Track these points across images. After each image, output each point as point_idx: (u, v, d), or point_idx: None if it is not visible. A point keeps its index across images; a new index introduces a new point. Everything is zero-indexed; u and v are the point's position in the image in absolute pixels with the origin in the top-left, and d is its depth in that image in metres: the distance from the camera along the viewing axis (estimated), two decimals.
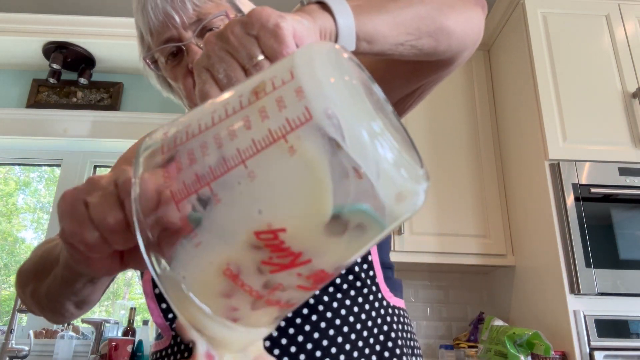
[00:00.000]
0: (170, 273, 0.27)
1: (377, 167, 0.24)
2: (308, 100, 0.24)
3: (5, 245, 2.57)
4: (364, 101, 0.25)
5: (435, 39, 0.51)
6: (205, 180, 0.25)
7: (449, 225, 2.07)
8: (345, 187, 0.24)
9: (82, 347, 2.03)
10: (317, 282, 0.28)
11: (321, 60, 0.25)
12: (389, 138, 0.24)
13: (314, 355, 0.55)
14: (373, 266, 0.63)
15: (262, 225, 0.25)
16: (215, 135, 0.26)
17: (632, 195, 1.75)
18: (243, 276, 0.26)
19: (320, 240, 0.25)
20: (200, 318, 0.27)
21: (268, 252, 0.25)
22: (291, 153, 0.24)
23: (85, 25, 2.22)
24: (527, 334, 1.65)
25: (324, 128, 0.23)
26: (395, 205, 0.25)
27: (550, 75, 1.96)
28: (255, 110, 0.25)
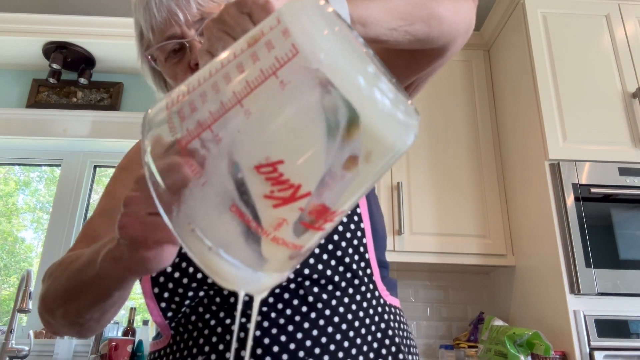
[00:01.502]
0: (181, 215, 0.28)
1: (376, 107, 0.25)
2: (293, 38, 0.25)
3: (5, 245, 2.57)
4: (354, 46, 0.26)
5: (427, 24, 0.53)
6: (206, 123, 0.27)
7: (449, 225, 2.07)
8: (338, 118, 0.25)
9: (82, 347, 2.03)
10: (320, 219, 0.28)
11: (304, 8, 0.27)
12: (384, 79, 0.26)
13: (313, 352, 0.55)
14: (370, 264, 0.63)
15: (261, 159, 0.26)
16: (213, 84, 0.28)
17: (632, 195, 1.75)
18: (248, 212, 0.27)
19: (317, 171, 0.26)
20: (211, 257, 0.28)
21: (269, 186, 0.26)
22: (282, 87, 0.25)
23: (85, 25, 2.22)
24: (527, 334, 1.65)
25: (311, 59, 0.25)
26: (391, 140, 0.26)
27: (550, 75, 1.96)
28: (247, 55, 0.27)
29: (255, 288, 0.30)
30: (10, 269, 2.55)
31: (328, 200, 0.28)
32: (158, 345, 0.65)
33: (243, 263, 0.28)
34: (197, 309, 0.61)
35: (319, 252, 0.60)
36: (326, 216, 0.28)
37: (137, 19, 0.69)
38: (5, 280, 2.53)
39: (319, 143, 0.26)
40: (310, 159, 0.26)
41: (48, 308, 0.58)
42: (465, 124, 2.26)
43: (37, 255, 2.43)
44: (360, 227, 0.64)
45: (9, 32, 2.20)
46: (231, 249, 0.28)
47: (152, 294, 0.60)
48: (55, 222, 2.29)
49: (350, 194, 0.29)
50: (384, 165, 0.28)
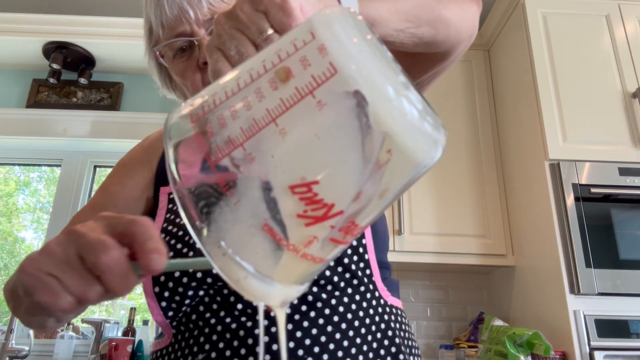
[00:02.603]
0: (211, 235, 0.28)
1: (405, 119, 0.25)
2: (331, 56, 0.24)
3: (5, 245, 2.57)
4: (386, 57, 0.26)
5: (434, 27, 0.53)
6: (238, 141, 0.26)
7: (449, 225, 2.07)
8: (373, 139, 0.25)
9: (82, 347, 2.03)
10: (348, 235, 0.29)
11: (339, 21, 0.26)
12: (414, 90, 0.26)
13: (312, 351, 0.55)
14: (370, 265, 0.63)
15: (296, 179, 0.26)
16: (244, 98, 0.27)
17: (632, 195, 1.75)
18: (280, 231, 0.27)
19: (350, 191, 0.26)
20: (241, 275, 0.28)
21: (303, 205, 0.26)
22: (319, 107, 0.25)
23: (85, 25, 2.22)
24: (527, 334, 1.65)
25: (350, 81, 0.24)
26: (421, 155, 0.26)
27: (550, 75, 1.96)
28: (281, 70, 0.26)
29: (282, 301, 0.31)
30: (10, 269, 2.55)
31: (358, 217, 0.28)
32: (160, 344, 0.65)
33: (274, 280, 0.29)
34: (197, 307, 0.61)
35: None
36: (354, 231, 0.29)
37: (148, 14, 0.69)
38: (5, 281, 2.53)
39: (354, 163, 0.26)
40: (344, 179, 0.26)
41: (5, 299, 0.59)
42: (465, 124, 2.26)
43: None
44: None
45: (9, 32, 2.20)
46: (260, 265, 0.28)
47: (153, 293, 0.60)
48: (55, 222, 2.29)
49: (377, 209, 0.29)
50: (410, 180, 0.28)
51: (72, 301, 0.34)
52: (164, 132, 0.30)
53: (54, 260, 0.34)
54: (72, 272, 0.33)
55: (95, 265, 0.33)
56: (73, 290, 0.33)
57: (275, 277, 0.29)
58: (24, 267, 0.35)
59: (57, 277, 0.34)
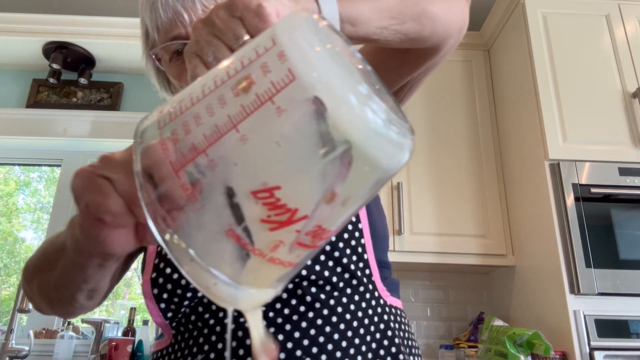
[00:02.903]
0: (176, 240, 0.28)
1: (366, 126, 0.25)
2: (290, 63, 0.25)
3: (5, 245, 2.57)
4: (347, 66, 0.26)
5: (419, 23, 0.52)
6: (201, 147, 0.27)
7: (449, 225, 2.07)
8: (334, 145, 0.25)
9: (82, 347, 2.03)
10: (316, 239, 0.29)
11: (300, 27, 0.26)
12: (377, 99, 0.26)
13: (311, 352, 0.55)
14: (369, 264, 0.63)
15: (258, 185, 0.26)
16: (207, 105, 0.27)
17: (632, 195, 1.75)
18: (244, 236, 0.27)
19: (314, 196, 0.26)
20: (210, 281, 0.28)
21: (266, 210, 0.26)
22: (279, 113, 0.25)
23: (85, 25, 2.22)
24: (527, 334, 1.65)
25: (309, 88, 0.24)
26: (385, 160, 0.26)
27: (550, 75, 1.96)
28: (242, 77, 0.26)
29: (251, 304, 0.31)
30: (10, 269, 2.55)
31: (324, 221, 0.28)
32: (160, 345, 0.65)
33: (240, 284, 0.29)
34: (196, 308, 0.61)
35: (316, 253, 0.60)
36: (322, 235, 0.29)
37: (143, 17, 0.69)
38: (5, 280, 2.53)
39: (316, 168, 0.26)
40: (307, 184, 0.26)
41: (27, 278, 0.60)
42: (465, 124, 2.26)
43: None
44: (358, 228, 0.64)
45: (9, 32, 2.20)
46: (228, 271, 0.28)
47: (152, 295, 0.60)
48: (55, 222, 2.29)
49: (344, 213, 0.29)
50: (376, 184, 0.28)
51: (122, 203, 0.33)
52: (134, 138, 0.30)
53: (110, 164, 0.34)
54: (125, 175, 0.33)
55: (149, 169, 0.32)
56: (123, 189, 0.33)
57: (244, 282, 0.29)
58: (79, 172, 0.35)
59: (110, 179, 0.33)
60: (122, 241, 0.35)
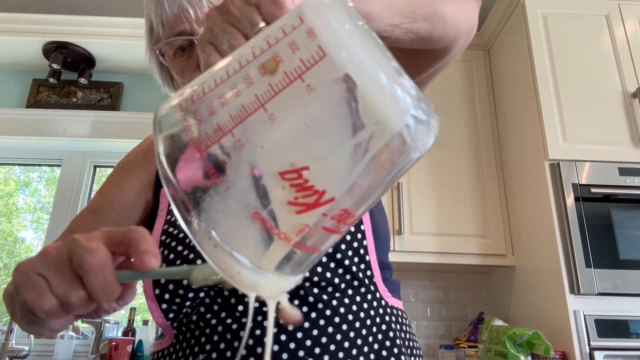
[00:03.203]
0: (201, 225, 0.27)
1: (397, 105, 0.24)
2: (320, 39, 0.24)
3: (5, 245, 2.57)
4: (378, 44, 0.26)
5: (430, 22, 0.52)
6: (227, 127, 0.26)
7: (449, 225, 2.07)
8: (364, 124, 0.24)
9: (82, 347, 2.03)
10: (341, 223, 0.28)
11: (328, 6, 0.26)
12: (407, 77, 0.25)
13: (313, 352, 0.55)
14: (370, 266, 0.63)
15: (286, 165, 0.25)
16: (232, 85, 0.26)
17: (632, 195, 1.75)
18: (271, 219, 0.27)
19: (342, 178, 0.26)
20: (233, 265, 0.28)
21: (293, 192, 0.26)
22: (309, 92, 0.24)
23: (85, 25, 2.22)
24: (527, 334, 1.65)
25: (340, 65, 0.24)
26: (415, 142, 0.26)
27: (550, 75, 1.96)
28: (269, 56, 0.25)
29: (276, 292, 0.30)
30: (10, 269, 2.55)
31: (351, 204, 0.27)
32: (161, 345, 0.65)
33: (265, 269, 0.28)
34: (198, 309, 0.61)
35: None
36: (347, 220, 0.28)
37: (148, 12, 0.69)
38: (5, 280, 2.53)
39: (345, 148, 0.25)
40: (336, 165, 0.25)
41: (6, 305, 0.59)
42: (465, 124, 2.26)
43: None
44: (360, 229, 0.64)
45: (9, 32, 2.20)
46: (252, 256, 0.28)
47: (154, 295, 0.60)
48: (55, 222, 2.29)
49: (371, 197, 0.28)
50: (404, 167, 0.27)
51: (55, 303, 0.34)
52: (154, 124, 0.30)
53: (46, 261, 0.35)
54: (60, 274, 0.34)
55: (79, 265, 0.33)
56: (57, 291, 0.34)
57: (267, 267, 0.28)
58: (18, 267, 0.36)
59: (46, 278, 0.34)
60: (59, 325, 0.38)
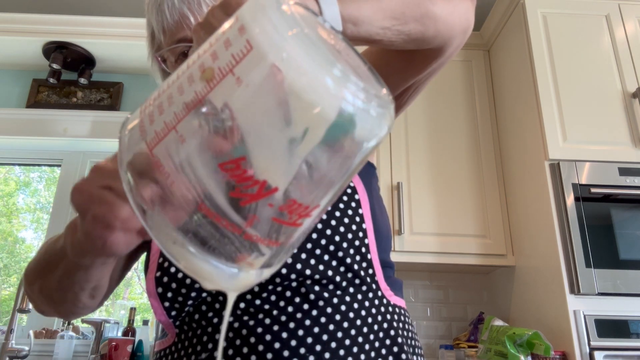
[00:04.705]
0: (155, 218, 0.28)
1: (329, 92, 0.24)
2: (248, 34, 0.25)
3: (5, 245, 2.57)
4: (314, 40, 0.26)
5: (422, 23, 0.52)
6: (171, 125, 0.27)
7: (449, 225, 2.07)
8: (298, 115, 0.25)
9: (82, 347, 2.03)
10: (293, 214, 0.28)
11: (263, 5, 0.26)
12: (347, 69, 0.25)
13: (314, 349, 0.55)
14: (372, 264, 0.63)
15: (223, 156, 0.26)
16: (178, 86, 0.28)
17: (632, 195, 1.75)
18: (217, 210, 0.27)
19: (282, 167, 0.26)
20: (188, 257, 0.28)
21: (235, 183, 0.26)
22: (238, 84, 0.25)
23: (85, 25, 2.22)
24: (527, 334, 1.65)
25: (266, 54, 0.24)
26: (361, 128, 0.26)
27: (550, 75, 1.96)
28: (208, 55, 0.27)
29: (233, 286, 0.30)
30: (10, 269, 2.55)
31: (298, 195, 0.27)
32: (164, 343, 0.65)
33: (218, 261, 0.28)
34: (200, 307, 0.61)
35: (320, 253, 0.60)
36: (299, 211, 0.28)
37: (149, 19, 0.70)
38: (5, 280, 2.53)
39: (279, 138, 0.26)
40: (271, 154, 0.26)
41: (28, 281, 0.60)
42: (465, 124, 2.26)
43: None
44: (362, 228, 0.64)
45: (9, 32, 2.20)
46: (205, 247, 0.28)
47: (156, 293, 0.61)
48: (55, 222, 2.29)
49: (323, 188, 0.28)
50: (355, 156, 0.27)
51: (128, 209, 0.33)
52: (121, 126, 0.31)
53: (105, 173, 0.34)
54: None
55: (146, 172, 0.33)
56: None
57: (223, 260, 0.28)
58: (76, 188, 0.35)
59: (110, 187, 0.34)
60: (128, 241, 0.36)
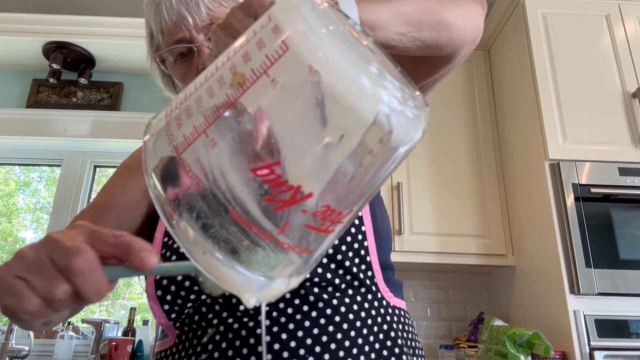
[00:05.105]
0: (182, 225, 0.27)
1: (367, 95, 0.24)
2: (283, 34, 0.24)
3: (6, 246, 2.57)
4: (351, 42, 0.25)
5: (436, 31, 0.53)
6: (201, 128, 0.26)
7: (449, 225, 2.07)
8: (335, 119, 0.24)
9: (82, 347, 2.03)
10: (326, 221, 0.27)
11: (296, 4, 0.25)
12: (385, 72, 0.25)
13: (314, 351, 0.55)
14: (372, 267, 0.63)
15: (257, 161, 0.25)
16: (208, 88, 0.27)
17: (632, 195, 1.75)
18: (248, 216, 0.26)
19: (317, 171, 0.25)
20: (219, 267, 0.27)
21: (268, 189, 0.25)
22: (273, 86, 0.24)
23: (85, 25, 2.22)
24: (527, 334, 1.65)
25: (303, 55, 0.23)
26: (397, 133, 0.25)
27: (550, 75, 1.96)
28: (239, 57, 0.26)
29: (263, 295, 0.29)
30: None
31: (333, 201, 0.26)
32: (164, 345, 0.65)
33: (248, 270, 0.27)
34: (200, 308, 0.61)
35: None
36: (332, 218, 0.27)
37: (148, 20, 0.70)
38: None
39: (315, 142, 0.25)
40: (306, 159, 0.25)
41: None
42: (465, 124, 2.26)
43: None
44: (361, 230, 0.64)
45: (9, 32, 2.20)
46: (236, 256, 0.27)
47: (156, 296, 0.61)
48: (55, 222, 2.29)
49: (357, 194, 0.27)
50: (390, 161, 0.26)
51: (38, 303, 0.33)
52: (144, 129, 0.30)
53: (23, 263, 0.34)
54: (40, 274, 0.33)
55: (66, 268, 0.32)
56: (39, 290, 0.33)
57: (252, 268, 0.27)
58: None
59: (25, 279, 0.33)
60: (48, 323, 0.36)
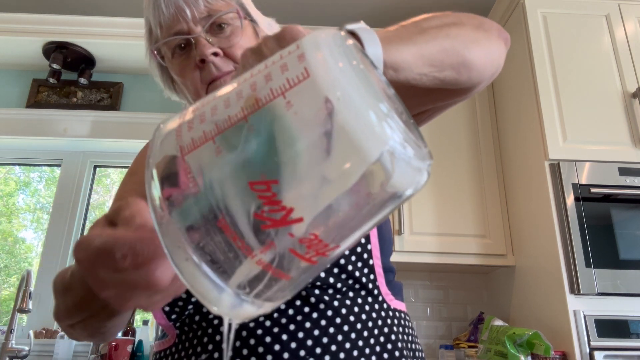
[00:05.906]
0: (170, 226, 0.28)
1: (375, 135, 0.24)
2: (308, 62, 0.25)
3: (5, 246, 2.57)
4: (370, 83, 0.26)
5: (457, 71, 0.53)
6: (210, 134, 0.27)
7: (449, 225, 2.07)
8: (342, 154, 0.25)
9: (82, 347, 2.03)
10: (311, 250, 0.27)
11: (327, 37, 0.27)
12: (396, 118, 0.25)
13: (314, 352, 0.55)
14: (374, 270, 0.64)
15: (256, 175, 0.26)
16: (226, 99, 0.28)
17: (632, 195, 1.75)
18: (235, 228, 0.26)
19: (312, 199, 0.26)
20: (194, 273, 0.27)
21: (261, 205, 0.26)
22: (288, 107, 0.25)
23: (85, 25, 2.22)
24: (527, 334, 1.65)
25: (321, 86, 0.24)
26: (397, 177, 0.26)
27: (550, 75, 1.96)
28: (261, 76, 0.27)
29: (234, 314, 0.29)
30: (10, 269, 2.55)
31: (322, 232, 0.27)
32: (164, 344, 0.65)
33: (225, 284, 0.27)
34: (200, 309, 0.61)
35: None
36: (318, 248, 0.27)
37: (147, 15, 0.71)
38: (5, 280, 2.53)
39: (317, 170, 0.25)
40: (305, 184, 0.25)
41: (65, 324, 0.56)
42: (465, 124, 2.26)
43: (37, 255, 2.43)
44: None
45: (9, 32, 2.20)
46: (214, 266, 0.27)
47: None
48: (55, 222, 2.29)
49: (348, 232, 0.28)
50: (385, 204, 0.27)
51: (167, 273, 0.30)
52: (156, 129, 0.31)
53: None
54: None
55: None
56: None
57: (229, 283, 0.27)
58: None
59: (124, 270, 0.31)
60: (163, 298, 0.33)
